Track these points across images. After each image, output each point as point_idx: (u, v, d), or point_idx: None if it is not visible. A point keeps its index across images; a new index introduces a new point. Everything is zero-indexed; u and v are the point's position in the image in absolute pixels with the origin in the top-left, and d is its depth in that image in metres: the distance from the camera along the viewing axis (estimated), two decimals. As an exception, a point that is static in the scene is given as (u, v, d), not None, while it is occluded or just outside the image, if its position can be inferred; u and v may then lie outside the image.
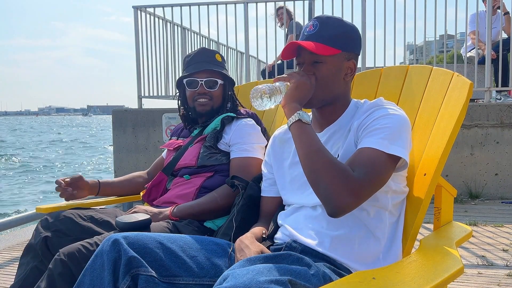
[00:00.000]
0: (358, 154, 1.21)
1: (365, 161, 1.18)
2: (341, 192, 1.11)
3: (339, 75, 1.34)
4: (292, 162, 1.42)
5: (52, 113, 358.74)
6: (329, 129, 1.37)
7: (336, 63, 1.33)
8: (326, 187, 1.13)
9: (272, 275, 0.99)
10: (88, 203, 1.98)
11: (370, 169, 1.16)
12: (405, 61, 7.44)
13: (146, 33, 5.87)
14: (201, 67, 1.98)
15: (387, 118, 1.25)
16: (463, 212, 4.25)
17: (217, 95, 2.02)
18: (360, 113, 1.32)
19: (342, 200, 1.12)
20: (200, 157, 1.92)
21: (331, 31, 1.33)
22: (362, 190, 1.14)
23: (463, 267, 1.11)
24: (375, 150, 1.19)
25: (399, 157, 1.21)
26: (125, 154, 5.74)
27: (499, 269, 2.74)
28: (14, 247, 3.44)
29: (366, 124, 1.26)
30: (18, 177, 14.92)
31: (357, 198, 1.14)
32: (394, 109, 1.29)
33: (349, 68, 1.35)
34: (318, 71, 1.33)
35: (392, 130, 1.22)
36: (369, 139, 1.22)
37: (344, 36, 1.33)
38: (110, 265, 1.18)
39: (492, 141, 4.86)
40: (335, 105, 1.38)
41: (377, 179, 1.17)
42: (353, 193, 1.12)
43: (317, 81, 1.33)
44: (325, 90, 1.34)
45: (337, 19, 1.36)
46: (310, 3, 5.98)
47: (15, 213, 7.54)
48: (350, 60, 1.35)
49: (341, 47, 1.32)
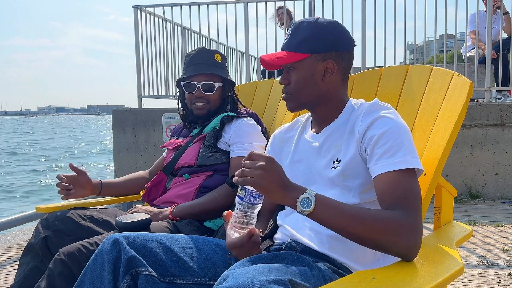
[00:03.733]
0: (388, 185, 1.17)
1: (399, 193, 1.15)
2: (403, 243, 1.10)
3: (314, 78, 1.33)
4: (291, 161, 1.42)
5: (52, 113, 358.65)
6: (327, 129, 1.36)
7: (307, 67, 1.33)
8: (389, 245, 1.10)
9: (272, 275, 0.99)
10: (88, 203, 1.98)
11: (407, 200, 1.14)
12: (405, 60, 7.43)
13: (146, 33, 5.88)
14: (198, 70, 1.97)
15: (393, 131, 1.22)
16: (463, 212, 4.25)
17: (215, 99, 2.01)
18: (357, 115, 1.31)
19: (408, 246, 1.10)
20: (199, 157, 1.92)
21: (300, 36, 1.33)
22: (415, 223, 1.12)
23: (463, 267, 1.11)
24: (400, 174, 1.17)
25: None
26: (125, 154, 5.74)
27: (499, 269, 2.74)
28: (14, 247, 3.44)
29: (374, 139, 1.23)
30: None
31: (417, 233, 1.12)
32: (395, 116, 1.28)
33: (328, 69, 1.33)
34: (291, 77, 1.35)
35: (406, 143, 1.21)
36: (388, 161, 1.19)
37: (312, 38, 1.32)
38: (110, 265, 1.18)
39: (492, 141, 4.85)
40: (326, 105, 1.36)
41: (417, 203, 1.15)
42: (412, 234, 1.10)
43: (292, 86, 1.35)
44: (301, 94, 1.34)
45: (309, 22, 1.34)
46: (310, 3, 5.97)
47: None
48: (326, 60, 1.32)
49: (309, 51, 1.31)
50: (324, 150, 1.34)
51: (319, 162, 1.34)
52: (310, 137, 1.40)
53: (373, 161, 1.22)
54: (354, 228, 1.11)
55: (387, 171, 1.18)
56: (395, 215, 1.11)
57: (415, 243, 1.11)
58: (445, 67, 2.81)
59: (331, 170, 1.30)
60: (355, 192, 1.26)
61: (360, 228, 1.10)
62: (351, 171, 1.26)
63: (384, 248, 1.12)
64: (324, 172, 1.31)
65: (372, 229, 1.10)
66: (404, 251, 1.11)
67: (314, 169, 1.34)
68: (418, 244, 1.11)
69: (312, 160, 1.36)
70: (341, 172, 1.27)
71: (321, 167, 1.33)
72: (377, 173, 1.20)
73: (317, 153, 1.35)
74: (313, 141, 1.38)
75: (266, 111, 2.36)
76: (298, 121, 1.51)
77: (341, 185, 1.28)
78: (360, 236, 1.11)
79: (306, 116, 1.50)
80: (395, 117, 1.27)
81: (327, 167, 1.31)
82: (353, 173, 1.26)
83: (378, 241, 1.10)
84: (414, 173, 1.19)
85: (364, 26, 5.38)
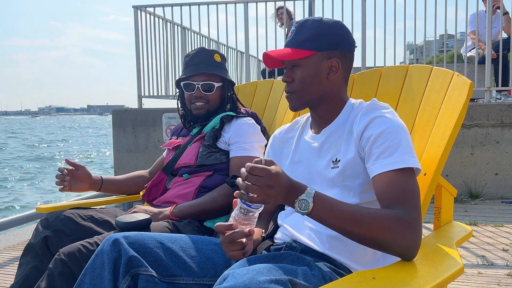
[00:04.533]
0: (386, 185, 1.17)
1: (397, 192, 1.15)
2: (402, 241, 1.10)
3: (318, 76, 1.33)
4: (291, 162, 1.42)
5: (52, 113, 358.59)
6: (326, 130, 1.36)
7: (312, 65, 1.33)
8: (388, 243, 1.10)
9: (272, 275, 0.99)
10: (88, 203, 1.98)
11: (406, 199, 1.14)
12: (405, 60, 7.44)
13: (146, 33, 5.88)
14: (197, 70, 1.97)
15: (391, 130, 1.22)
16: (463, 212, 4.25)
17: (214, 98, 2.01)
18: (355, 114, 1.31)
19: (408, 245, 1.10)
20: (199, 156, 1.92)
21: (305, 33, 1.33)
22: (415, 222, 1.12)
23: (463, 267, 1.11)
24: (398, 173, 1.17)
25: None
26: (125, 154, 5.74)
27: (499, 269, 2.74)
28: (14, 247, 3.44)
29: (372, 139, 1.23)
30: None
31: (417, 231, 1.12)
32: (393, 115, 1.28)
33: (332, 67, 1.33)
34: (296, 75, 1.34)
35: (403, 142, 1.21)
36: (386, 160, 1.19)
37: (318, 36, 1.32)
38: (110, 265, 1.18)
39: (492, 140, 4.85)
40: (327, 104, 1.37)
41: (416, 201, 1.16)
42: (412, 233, 1.10)
43: (297, 84, 1.34)
44: (306, 92, 1.34)
45: (314, 20, 1.35)
46: (310, 3, 5.97)
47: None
48: (331, 58, 1.33)
49: (315, 48, 1.32)
50: (324, 150, 1.34)
51: (319, 162, 1.34)
52: (310, 138, 1.40)
53: (371, 160, 1.22)
54: (354, 227, 1.10)
55: (385, 170, 1.18)
56: (394, 213, 1.11)
57: (415, 242, 1.11)
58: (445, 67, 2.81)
59: (331, 170, 1.30)
60: (355, 192, 1.27)
61: (360, 226, 1.10)
62: (351, 171, 1.27)
63: (383, 247, 1.12)
64: (324, 172, 1.31)
65: (372, 228, 1.10)
66: (404, 250, 1.11)
67: (314, 170, 1.34)
68: (417, 243, 1.11)
69: (312, 161, 1.36)
70: (341, 172, 1.27)
71: (321, 167, 1.33)
72: (375, 173, 1.20)
73: (317, 153, 1.35)
74: (312, 142, 1.38)
75: (266, 111, 2.36)
76: (298, 121, 1.51)
77: (341, 185, 1.28)
78: (359, 235, 1.11)
79: (305, 116, 1.50)
80: (393, 116, 1.27)
81: (327, 167, 1.31)
82: (352, 173, 1.26)
83: (378, 239, 1.10)
84: (413, 172, 1.19)
85: (364, 26, 5.38)
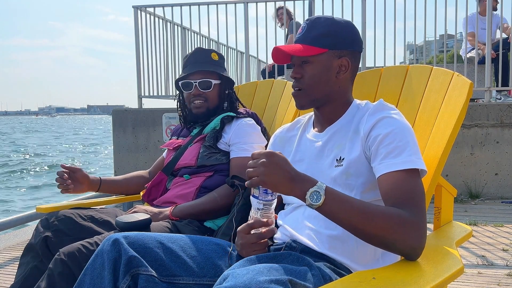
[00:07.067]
0: (392, 185, 1.17)
1: (404, 193, 1.15)
2: (409, 241, 1.10)
3: (328, 74, 1.33)
4: (293, 161, 1.42)
5: (52, 113, 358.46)
6: (330, 128, 1.37)
7: (323, 62, 1.33)
8: (396, 243, 1.10)
9: (272, 275, 0.99)
10: (88, 203, 1.98)
11: (412, 200, 1.14)
12: (405, 61, 7.43)
13: (146, 33, 5.87)
14: (194, 68, 1.98)
15: (398, 131, 1.23)
16: (463, 212, 4.25)
17: (213, 96, 2.01)
18: (362, 114, 1.31)
19: (414, 245, 1.10)
20: (199, 157, 1.92)
21: (317, 30, 1.33)
22: (421, 223, 1.12)
23: (463, 267, 1.12)
24: (404, 174, 1.17)
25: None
26: (125, 154, 5.74)
27: (499, 269, 2.74)
28: (14, 247, 3.44)
29: (379, 139, 1.23)
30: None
31: (423, 232, 1.12)
32: (400, 116, 1.29)
33: (342, 66, 1.34)
34: (305, 71, 1.34)
35: (411, 144, 1.22)
36: (393, 161, 1.19)
37: (331, 34, 1.32)
38: (110, 265, 1.18)
39: (492, 141, 4.85)
40: (333, 104, 1.37)
41: (422, 203, 1.16)
42: (418, 233, 1.11)
43: (306, 81, 1.34)
44: (314, 89, 1.34)
45: (327, 18, 1.35)
46: (310, 3, 5.98)
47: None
48: (341, 57, 1.33)
49: (328, 46, 1.32)
50: (327, 149, 1.34)
51: (321, 161, 1.34)
52: (313, 136, 1.40)
53: (378, 160, 1.22)
54: (363, 224, 1.10)
55: (391, 170, 1.18)
56: (402, 213, 1.11)
57: (421, 243, 1.11)
58: (445, 67, 2.81)
59: (334, 168, 1.30)
60: (356, 191, 1.26)
61: (369, 223, 1.10)
62: (355, 170, 1.27)
63: (390, 246, 1.12)
64: (327, 171, 1.31)
65: (381, 226, 1.09)
66: (410, 250, 1.11)
67: (315, 168, 1.34)
68: (423, 243, 1.12)
69: (314, 160, 1.36)
70: (345, 170, 1.27)
71: (324, 166, 1.33)
72: (381, 172, 1.20)
73: (320, 152, 1.35)
74: (315, 140, 1.38)
75: (266, 111, 2.36)
76: (300, 120, 1.51)
77: (343, 184, 1.27)
78: (367, 232, 1.10)
79: (307, 116, 1.50)
80: (400, 117, 1.28)
81: (330, 165, 1.31)
82: (356, 171, 1.26)
83: (385, 238, 1.10)
84: (418, 174, 1.20)
85: (364, 26, 5.37)
